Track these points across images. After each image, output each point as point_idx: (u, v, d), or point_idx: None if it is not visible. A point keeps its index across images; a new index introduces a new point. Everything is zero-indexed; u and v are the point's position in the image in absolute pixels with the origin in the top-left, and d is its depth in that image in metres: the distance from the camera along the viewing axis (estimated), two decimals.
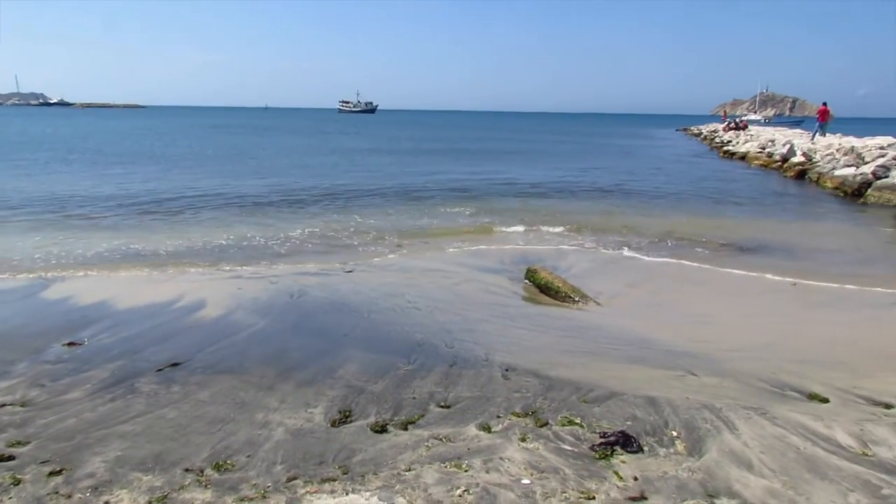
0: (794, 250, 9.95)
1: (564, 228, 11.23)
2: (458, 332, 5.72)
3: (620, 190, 17.96)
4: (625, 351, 5.30)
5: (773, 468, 3.19)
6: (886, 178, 15.78)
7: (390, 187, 17.11)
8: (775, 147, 26.74)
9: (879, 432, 3.59)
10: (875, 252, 10.02)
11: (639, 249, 9.68)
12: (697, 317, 6.39)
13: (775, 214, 13.75)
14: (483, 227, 11.45)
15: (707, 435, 3.58)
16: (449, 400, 4.11)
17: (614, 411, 3.93)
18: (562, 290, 7.11)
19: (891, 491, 2.95)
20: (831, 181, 18.17)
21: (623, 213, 13.58)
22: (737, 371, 4.80)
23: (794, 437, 3.54)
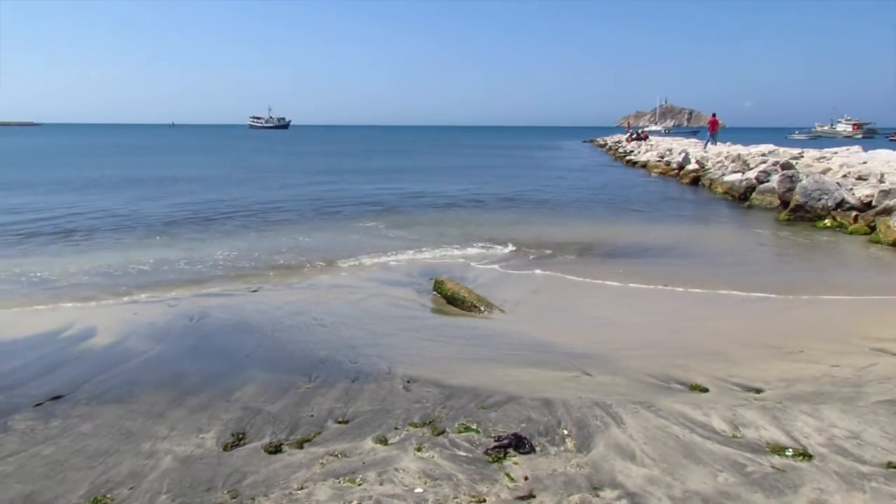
0: (684, 253, 10.56)
1: (474, 239, 11.40)
2: (362, 346, 5.72)
3: (527, 199, 18.45)
4: (525, 356, 5.46)
5: (653, 457, 3.38)
6: (767, 182, 16.99)
7: (302, 203, 16.86)
8: (672, 156, 28.27)
9: (749, 415, 3.87)
10: (750, 254, 10.77)
11: (543, 256, 9.98)
12: (595, 319, 6.67)
13: (670, 220, 14.51)
14: (392, 240, 11.48)
15: (596, 431, 3.74)
16: (348, 415, 4.10)
17: (510, 415, 4.04)
18: (468, 299, 7.23)
19: (754, 468, 3.19)
20: (721, 186, 19.39)
21: (529, 221, 13.96)
22: (628, 369, 5.05)
23: (674, 427, 3.76)
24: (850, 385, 4.51)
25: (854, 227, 12.10)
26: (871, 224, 11.73)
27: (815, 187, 13.55)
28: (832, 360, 5.14)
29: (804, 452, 3.36)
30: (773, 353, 5.39)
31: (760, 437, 3.60)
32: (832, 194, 13.24)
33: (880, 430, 3.61)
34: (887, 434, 3.56)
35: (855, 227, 12.12)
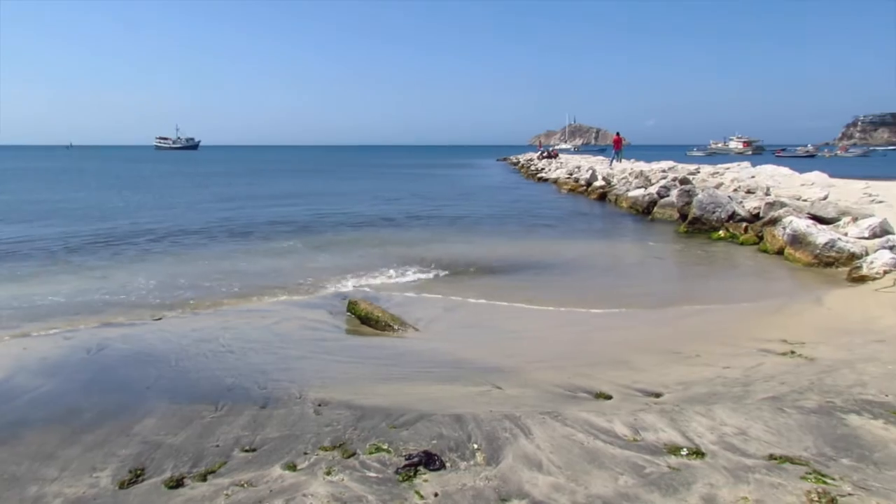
0: (592, 266, 10.98)
1: (390, 258, 11.40)
2: (273, 371, 5.60)
3: (442, 217, 18.66)
4: (438, 373, 5.50)
5: (559, 465, 3.48)
6: (668, 196, 17.96)
7: (211, 225, 16.35)
8: (581, 173, 29.41)
9: (649, 419, 4.05)
10: (652, 265, 11.33)
11: (458, 274, 10.11)
12: (507, 334, 6.81)
13: (580, 235, 15.07)
14: (306, 260, 11.30)
15: (505, 443, 3.81)
16: (255, 443, 3.99)
17: (422, 432, 4.05)
18: (382, 319, 7.22)
19: (652, 469, 3.35)
20: (626, 201, 20.32)
21: (444, 239, 14.12)
22: (537, 380, 5.19)
23: (580, 434, 3.88)
24: (740, 385, 4.82)
25: (744, 238, 12.95)
26: (759, 234, 12.60)
27: (710, 201, 14.43)
28: (724, 362, 5.47)
29: (697, 451, 3.56)
30: (672, 358, 5.68)
31: (659, 438, 3.78)
32: (724, 207, 14.14)
33: (764, 425, 3.87)
34: (770, 428, 3.82)
35: (745, 237, 12.98)
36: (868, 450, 3.49)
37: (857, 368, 4.94)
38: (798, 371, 5.06)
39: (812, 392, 4.49)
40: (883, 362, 5.07)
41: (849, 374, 4.83)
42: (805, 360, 5.40)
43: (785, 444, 3.61)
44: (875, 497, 2.93)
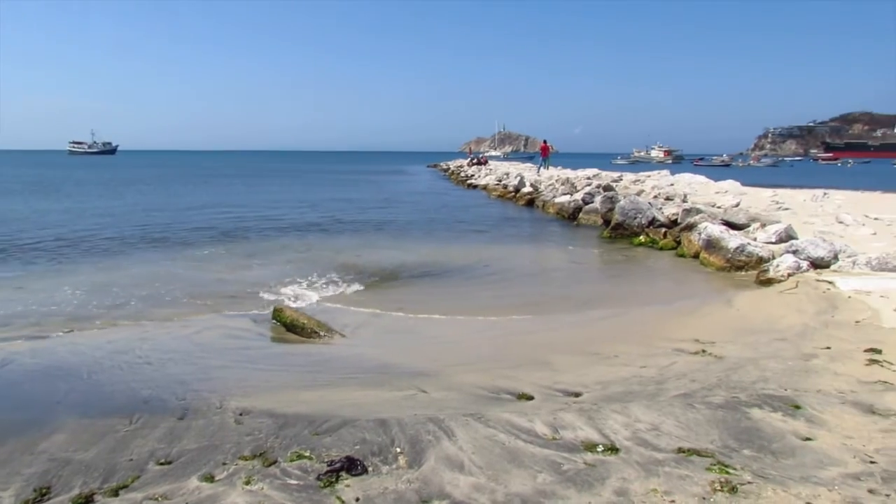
0: (520, 271, 11.19)
1: (318, 264, 11.26)
2: (192, 382, 5.44)
3: (372, 223, 18.61)
4: (363, 378, 5.48)
5: (480, 465, 3.53)
6: (592, 203, 18.52)
7: (127, 231, 15.71)
8: (509, 179, 29.93)
9: (568, 418, 4.18)
10: (576, 269, 11.67)
11: (387, 279, 10.10)
12: (432, 339, 6.87)
13: (507, 240, 15.35)
14: (229, 267, 11.02)
15: (428, 446, 3.84)
16: (171, 455, 3.87)
17: (345, 438, 4.03)
18: (307, 326, 7.13)
19: (569, 466, 3.45)
20: (553, 207, 20.83)
21: (374, 245, 14.07)
22: (462, 383, 5.25)
23: (501, 435, 3.96)
24: (654, 383, 5.03)
25: (663, 242, 13.51)
26: (676, 239, 13.16)
27: (631, 207, 14.98)
28: (641, 362, 5.70)
29: (612, 447, 3.69)
30: (592, 359, 5.87)
31: (577, 436, 3.90)
32: (645, 213, 14.70)
33: (675, 420, 4.06)
34: (680, 423, 4.01)
35: (664, 242, 13.54)
36: (767, 441, 3.72)
37: (761, 365, 5.24)
38: (708, 369, 5.33)
39: (720, 388, 4.74)
40: (783, 359, 5.40)
41: (753, 370, 5.12)
42: (714, 358, 5.69)
43: (693, 438, 3.80)
44: (771, 484, 3.13)
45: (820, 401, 4.33)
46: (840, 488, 3.07)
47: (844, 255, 9.27)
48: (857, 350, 5.52)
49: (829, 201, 18.79)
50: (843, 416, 4.06)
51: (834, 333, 6.14)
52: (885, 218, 14.82)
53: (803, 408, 4.20)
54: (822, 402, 4.31)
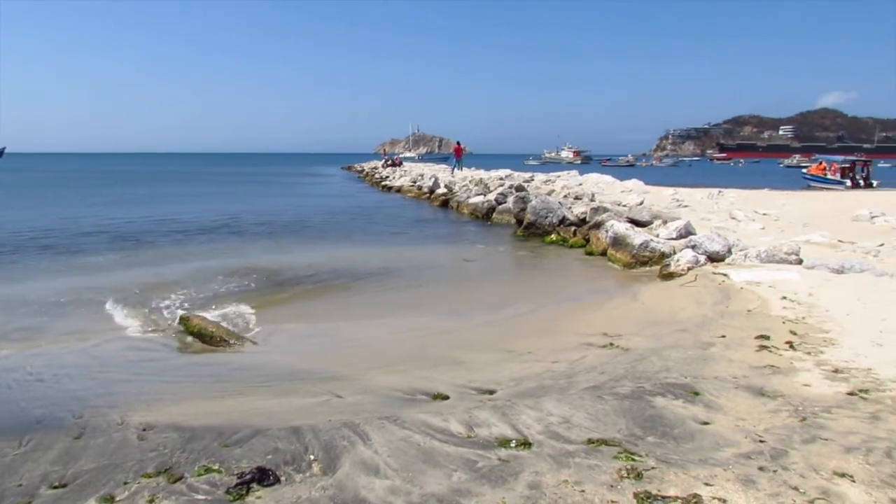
0: (435, 269, 11.25)
1: (228, 269, 10.86)
2: (91, 398, 5.12)
3: (285, 226, 18.17)
4: (275, 386, 5.34)
5: (396, 468, 3.52)
6: (505, 203, 18.87)
7: (19, 240, 14.59)
8: (424, 181, 30.03)
9: (482, 416, 4.23)
10: (490, 268, 11.87)
11: (300, 282, 9.89)
12: (347, 342, 6.79)
13: (423, 241, 15.41)
14: (132, 274, 10.46)
15: (343, 451, 3.79)
16: (67, 478, 3.62)
17: (257, 449, 3.91)
18: (216, 334, 6.88)
19: (483, 463, 3.49)
20: (467, 208, 21.07)
21: (284, 249, 13.77)
22: (377, 386, 5.22)
23: (417, 436, 3.95)
24: (565, 377, 5.18)
25: (573, 241, 13.95)
26: (585, 237, 13.61)
27: (542, 206, 15.37)
28: (552, 357, 5.85)
29: (525, 442, 3.77)
30: (505, 357, 5.98)
31: (491, 433, 3.95)
32: (556, 212, 15.12)
33: (585, 412, 4.20)
34: (590, 415, 4.14)
35: (574, 240, 13.98)
36: (670, 427, 3.91)
37: (664, 355, 5.50)
38: (615, 361, 5.54)
39: (626, 379, 4.94)
40: (684, 348, 5.70)
41: (657, 361, 5.37)
42: (622, 350, 5.93)
43: (602, 429, 3.94)
44: (673, 468, 3.28)
45: (716, 386, 4.59)
46: (734, 468, 3.27)
47: (737, 249, 9.89)
48: (748, 337, 5.89)
49: (724, 199, 20.03)
50: (736, 400, 4.33)
51: (728, 322, 6.54)
52: (772, 213, 15.95)
53: (702, 394, 4.44)
54: (718, 387, 4.57)
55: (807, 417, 3.96)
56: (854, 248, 10.77)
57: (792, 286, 7.72)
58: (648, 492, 3.05)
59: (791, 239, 10.66)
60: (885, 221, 14.63)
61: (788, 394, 4.41)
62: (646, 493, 3.04)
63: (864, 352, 5.31)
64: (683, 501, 2.96)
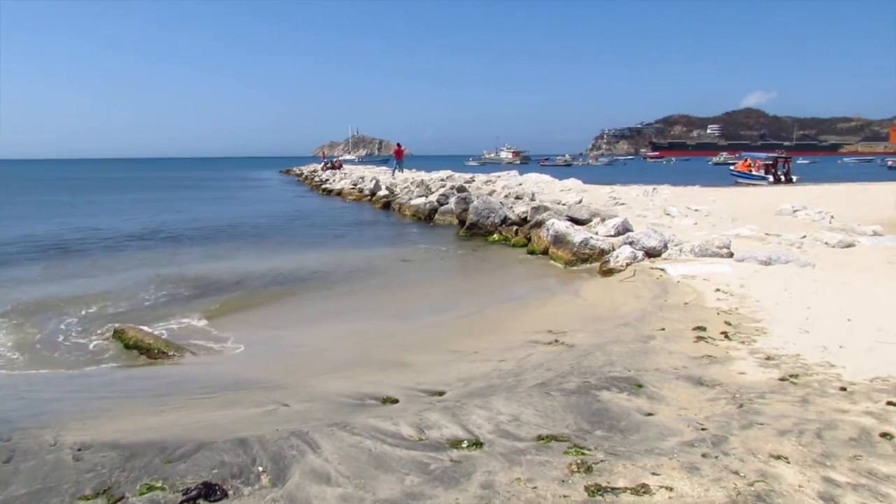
0: (379, 274, 11.19)
1: (163, 279, 10.51)
2: (19, 419, 4.84)
3: (223, 233, 17.74)
4: (220, 397, 5.19)
5: (347, 475, 3.47)
6: (447, 204, 18.95)
7: None
8: (365, 183, 29.81)
9: (433, 418, 4.22)
10: (434, 269, 11.90)
11: (240, 289, 9.66)
12: (292, 349, 6.68)
13: (364, 243, 15.32)
14: (61, 286, 9.97)
15: (292, 461, 3.71)
16: None
17: (201, 463, 3.78)
18: (154, 346, 6.65)
19: (436, 465, 3.49)
20: (409, 209, 21.04)
21: (223, 256, 13.46)
22: (325, 393, 5.14)
23: (367, 441, 3.91)
24: (513, 375, 5.23)
25: (516, 240, 14.13)
26: (527, 236, 13.81)
27: (484, 207, 15.51)
28: (500, 356, 5.90)
29: (476, 441, 3.78)
30: (453, 357, 6.00)
31: (442, 435, 3.95)
32: (497, 212, 15.28)
33: (534, 409, 4.25)
34: (539, 412, 4.20)
35: (516, 239, 14.17)
36: (616, 420, 4.00)
37: (607, 350, 5.64)
38: (561, 357, 5.64)
39: (572, 375, 5.03)
40: (626, 342, 5.85)
41: (601, 355, 5.49)
42: (566, 347, 6.04)
43: (551, 425, 3.99)
44: (621, 460, 3.36)
45: (658, 378, 4.73)
46: (679, 456, 3.37)
47: (672, 244, 10.23)
48: (686, 329, 6.10)
49: (658, 196, 20.68)
50: (677, 391, 4.47)
51: (667, 315, 6.75)
52: (703, 209, 16.57)
53: (645, 386, 4.57)
54: (660, 379, 4.72)
55: (743, 404, 4.13)
56: (780, 241, 11.30)
57: (724, 278, 8.04)
58: (598, 484, 3.11)
59: (722, 233, 11.12)
60: (806, 215, 15.45)
61: (726, 382, 4.59)
62: (596, 485, 3.10)
63: (793, 339, 5.58)
64: (632, 492, 3.03)
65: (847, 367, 4.83)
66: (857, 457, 3.32)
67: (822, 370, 4.79)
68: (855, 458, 3.30)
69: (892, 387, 4.39)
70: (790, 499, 2.92)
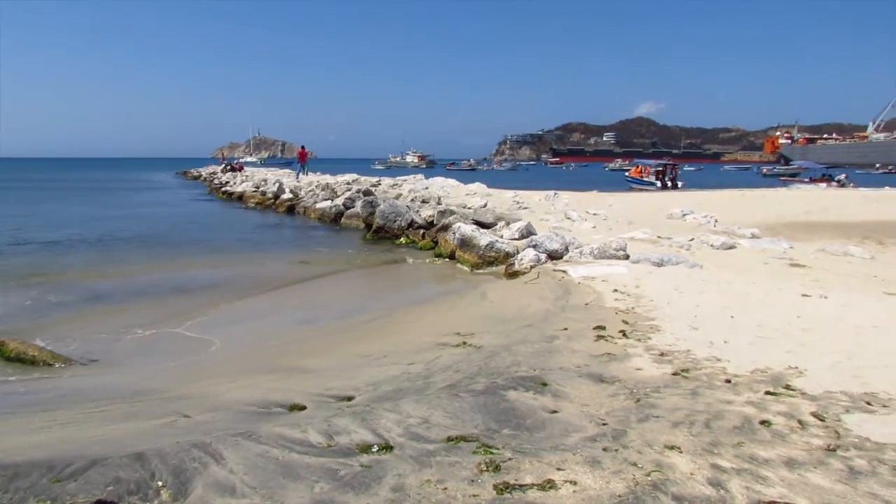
0: (287, 279, 10.93)
1: (42, 287, 9.77)
2: None
3: (112, 238, 16.66)
4: (114, 410, 4.89)
5: (254, 485, 3.37)
6: (353, 207, 18.79)
7: None
8: (268, 186, 28.96)
9: (342, 423, 4.18)
10: (341, 273, 11.78)
11: (140, 296, 9.16)
12: (192, 357, 6.42)
13: (269, 248, 14.88)
14: None
15: (195, 474, 3.56)
16: None
17: (95, 481, 3.55)
18: (39, 357, 6.19)
19: (346, 471, 3.46)
20: (315, 213, 20.69)
21: (119, 262, 12.65)
22: (229, 402, 4.96)
23: (274, 450, 3.81)
24: (422, 378, 5.26)
25: (423, 243, 14.22)
26: (434, 239, 13.93)
27: (391, 210, 15.50)
28: (408, 359, 5.92)
29: (386, 445, 3.78)
30: (362, 362, 5.95)
31: (352, 440, 3.92)
32: (404, 216, 15.32)
33: (443, 411, 4.29)
34: (448, 413, 4.25)
35: (423, 242, 14.25)
36: (522, 418, 4.11)
37: (513, 350, 5.79)
38: (469, 359, 5.73)
39: (480, 376, 5.12)
40: (531, 343, 6.03)
41: (507, 356, 5.63)
42: (474, 348, 6.14)
43: (460, 426, 4.05)
44: (528, 457, 3.47)
45: (562, 376, 4.91)
46: (582, 451, 3.52)
47: (573, 247, 10.65)
48: (587, 328, 6.37)
49: (559, 200, 21.44)
50: (580, 388, 4.66)
51: (569, 316, 7.01)
52: (601, 213, 17.34)
53: (549, 384, 4.73)
54: (563, 377, 4.90)
55: (640, 398, 4.36)
56: (671, 243, 12.03)
57: (621, 279, 8.46)
58: (507, 482, 3.19)
59: (618, 236, 11.68)
60: (694, 218, 16.53)
61: (624, 378, 4.83)
62: (504, 483, 3.18)
63: (684, 335, 5.96)
64: (538, 488, 3.13)
65: (731, 360, 5.21)
66: (740, 444, 3.59)
67: (710, 364, 5.14)
68: (738, 445, 3.57)
69: (770, 378, 4.78)
70: (683, 486, 3.11)
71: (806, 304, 7.19)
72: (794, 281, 8.61)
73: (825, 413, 4.07)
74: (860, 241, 13.12)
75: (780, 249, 11.55)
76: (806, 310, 6.87)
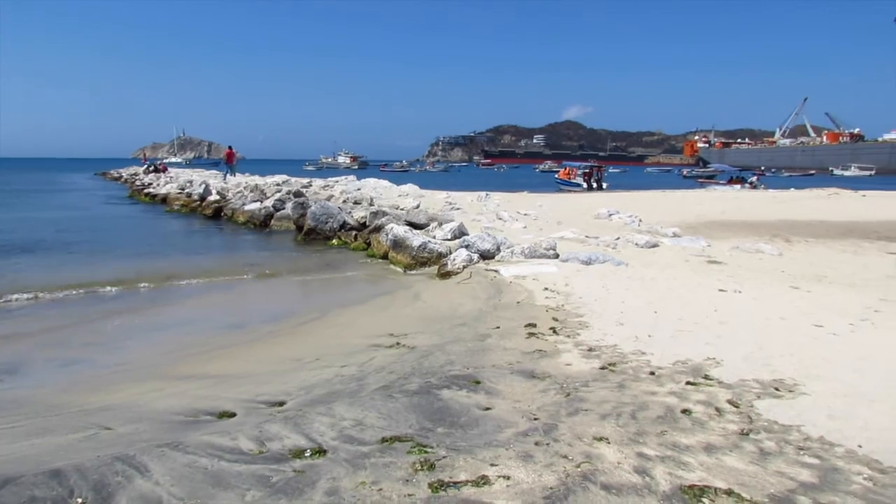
0: (208, 283, 10.60)
1: None
2: None
3: (12, 247, 15.63)
4: (26, 426, 4.62)
5: (182, 496, 3.26)
6: (284, 209, 18.44)
7: None
8: (193, 188, 27.99)
9: (273, 429, 4.09)
10: (265, 276, 11.55)
11: (35, 308, 8.68)
12: (112, 367, 6.13)
13: (193, 253, 14.40)
14: None
15: (118, 489, 3.41)
16: None
17: (8, 501, 3.35)
18: None
19: (278, 477, 3.39)
20: (243, 215, 20.12)
21: (24, 272, 11.91)
22: (153, 412, 4.77)
23: (203, 459, 3.70)
24: (356, 380, 5.22)
25: (355, 245, 14.11)
26: (367, 241, 13.85)
27: (322, 212, 15.30)
28: (342, 361, 5.86)
29: (320, 449, 3.73)
30: (293, 366, 5.85)
31: (284, 446, 3.85)
32: (336, 217, 15.16)
33: (377, 412, 4.27)
34: (382, 414, 4.23)
35: (356, 244, 14.14)
36: (456, 416, 4.15)
37: (447, 350, 5.83)
38: (403, 360, 5.73)
39: (414, 376, 5.13)
40: (464, 342, 6.08)
41: (441, 355, 5.66)
42: (408, 349, 6.14)
43: (395, 426, 4.04)
44: (462, 455, 3.50)
45: (495, 374, 4.98)
46: (514, 446, 3.58)
47: (505, 247, 10.81)
48: (519, 326, 6.48)
49: (491, 201, 21.71)
50: (512, 385, 4.74)
51: (502, 314, 7.12)
52: (531, 214, 17.67)
53: (482, 382, 4.79)
54: (496, 374, 4.97)
55: (570, 393, 4.48)
56: (598, 242, 12.39)
57: (552, 278, 8.65)
58: (441, 480, 3.21)
59: (548, 236, 11.94)
60: (619, 218, 17.07)
61: (554, 374, 4.95)
62: (439, 481, 3.20)
63: (611, 331, 6.16)
64: (473, 484, 3.17)
65: (655, 353, 5.42)
66: (663, 432, 3.74)
67: (636, 357, 5.33)
68: (662, 434, 3.72)
69: (690, 368, 5.01)
70: (611, 475, 3.22)
71: (722, 298, 7.57)
72: (712, 277, 9.05)
73: (739, 400, 4.30)
74: (770, 238, 13.89)
75: (699, 247, 12.10)
76: (722, 304, 7.24)
